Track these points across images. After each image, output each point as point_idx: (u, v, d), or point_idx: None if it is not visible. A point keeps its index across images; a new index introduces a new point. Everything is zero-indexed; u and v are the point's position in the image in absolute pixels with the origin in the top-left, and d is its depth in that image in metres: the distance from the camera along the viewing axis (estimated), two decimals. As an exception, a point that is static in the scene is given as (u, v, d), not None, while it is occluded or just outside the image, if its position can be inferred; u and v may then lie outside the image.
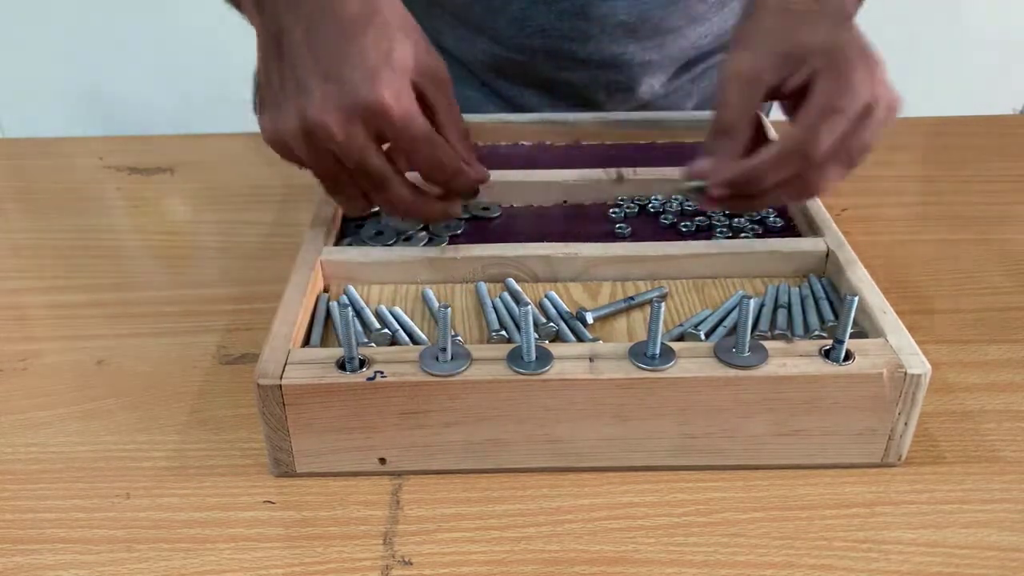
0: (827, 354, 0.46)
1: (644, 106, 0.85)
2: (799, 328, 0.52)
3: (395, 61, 0.49)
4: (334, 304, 0.55)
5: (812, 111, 0.50)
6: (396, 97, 0.49)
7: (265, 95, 0.52)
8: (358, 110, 0.48)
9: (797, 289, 0.55)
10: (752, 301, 0.46)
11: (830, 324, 0.52)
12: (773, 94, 0.53)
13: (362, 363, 0.46)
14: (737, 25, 0.56)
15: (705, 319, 0.53)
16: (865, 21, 0.56)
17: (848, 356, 0.46)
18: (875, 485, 0.48)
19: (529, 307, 0.46)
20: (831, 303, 0.55)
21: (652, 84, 0.84)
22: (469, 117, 0.77)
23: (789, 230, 0.63)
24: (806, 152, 0.50)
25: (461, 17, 0.81)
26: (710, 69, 0.87)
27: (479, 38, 0.81)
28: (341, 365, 0.46)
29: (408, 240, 0.60)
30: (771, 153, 0.51)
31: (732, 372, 0.46)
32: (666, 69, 0.84)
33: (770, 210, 0.64)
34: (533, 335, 0.46)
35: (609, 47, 0.79)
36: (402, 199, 0.53)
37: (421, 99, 0.52)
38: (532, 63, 0.81)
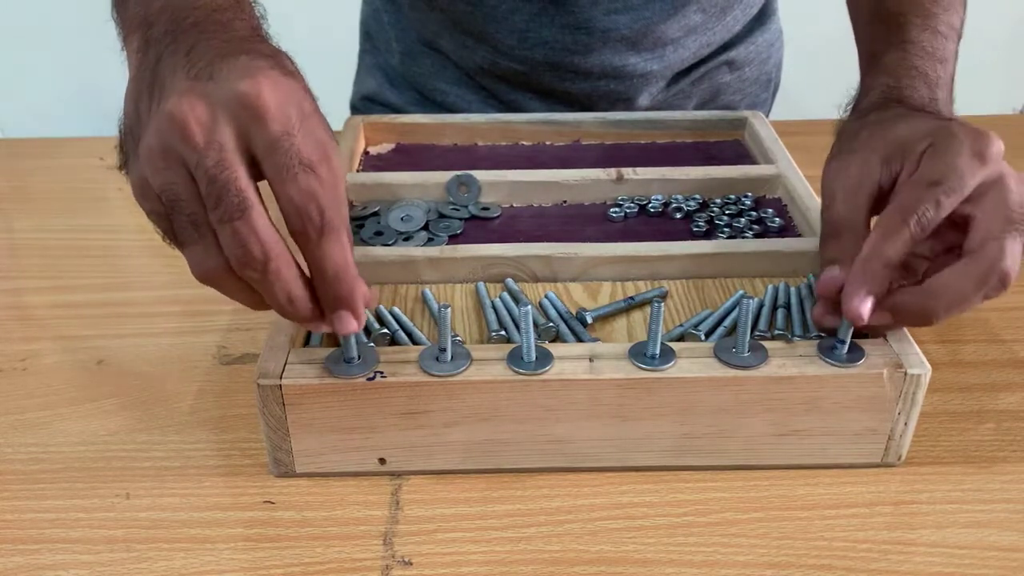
0: (827, 354, 0.46)
1: (644, 109, 0.85)
2: (799, 328, 0.52)
3: (284, 66, 0.41)
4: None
5: (909, 184, 0.47)
6: (277, 99, 0.39)
7: (130, 142, 0.42)
8: (226, 102, 0.38)
9: (797, 289, 0.55)
10: (752, 301, 0.46)
11: (830, 324, 0.52)
12: (884, 197, 0.50)
13: (362, 362, 0.46)
14: (838, 132, 0.55)
15: (705, 319, 0.53)
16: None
17: (859, 354, 0.46)
18: (875, 485, 0.48)
19: (529, 307, 0.46)
20: (831, 303, 0.55)
21: (652, 92, 0.84)
22: (469, 117, 0.78)
23: (789, 230, 0.63)
24: (904, 218, 0.45)
25: (462, 24, 0.81)
26: (711, 72, 0.86)
27: (480, 46, 0.81)
28: (341, 365, 0.46)
29: (408, 240, 0.60)
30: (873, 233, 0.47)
31: (732, 372, 0.46)
32: (666, 78, 0.84)
33: (769, 210, 0.64)
34: (533, 335, 0.46)
35: (610, 59, 0.79)
36: (269, 255, 0.40)
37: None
38: (533, 73, 0.81)
